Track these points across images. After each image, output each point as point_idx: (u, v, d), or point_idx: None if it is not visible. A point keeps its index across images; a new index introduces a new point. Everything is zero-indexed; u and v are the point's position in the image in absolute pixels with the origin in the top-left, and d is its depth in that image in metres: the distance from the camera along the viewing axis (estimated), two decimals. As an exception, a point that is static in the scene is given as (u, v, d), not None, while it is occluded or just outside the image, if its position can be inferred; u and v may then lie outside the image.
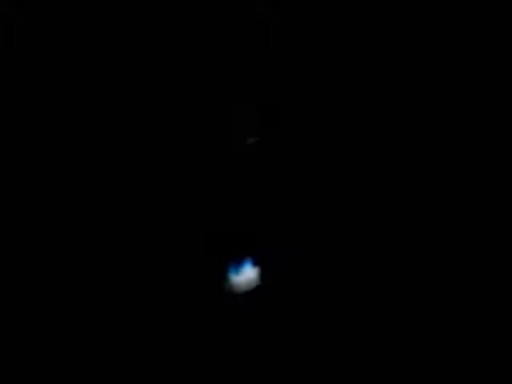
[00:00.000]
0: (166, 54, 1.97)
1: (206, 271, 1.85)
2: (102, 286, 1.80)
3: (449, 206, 1.92)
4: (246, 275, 1.87)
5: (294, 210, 1.95)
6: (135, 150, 1.94)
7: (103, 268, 1.81)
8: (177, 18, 1.95)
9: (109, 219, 1.84)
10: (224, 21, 1.94)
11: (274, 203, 1.93)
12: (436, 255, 1.90)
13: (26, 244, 1.81)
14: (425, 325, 1.82)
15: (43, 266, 1.82)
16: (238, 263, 1.88)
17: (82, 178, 1.88)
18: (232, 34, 1.96)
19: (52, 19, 1.81)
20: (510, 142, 1.86)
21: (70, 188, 1.87)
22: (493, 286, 1.81)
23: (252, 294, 1.85)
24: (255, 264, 1.89)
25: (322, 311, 1.82)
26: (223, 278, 1.83)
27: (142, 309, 1.80)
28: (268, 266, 1.87)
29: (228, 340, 1.76)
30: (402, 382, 1.72)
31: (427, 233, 1.93)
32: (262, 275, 1.86)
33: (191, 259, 1.87)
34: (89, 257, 1.82)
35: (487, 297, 1.81)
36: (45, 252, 1.83)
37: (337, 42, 1.99)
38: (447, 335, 1.79)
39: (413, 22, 1.94)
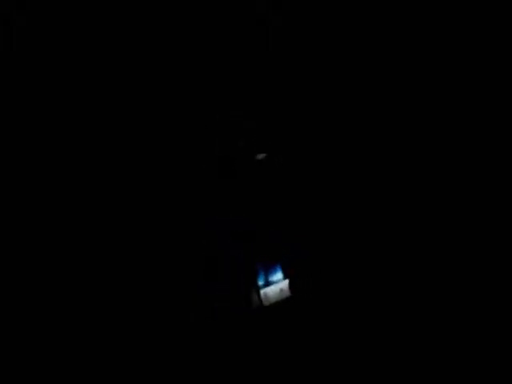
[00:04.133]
0: (166, 54, 1.97)
1: (237, 279, 1.86)
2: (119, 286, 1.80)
3: (448, 205, 1.93)
4: (276, 286, 1.89)
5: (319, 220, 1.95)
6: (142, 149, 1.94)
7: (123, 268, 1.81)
8: (177, 18, 1.94)
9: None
10: (224, 21, 1.94)
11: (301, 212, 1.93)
12: (436, 255, 1.91)
13: (26, 244, 1.81)
14: (430, 326, 1.82)
15: (42, 266, 1.81)
16: (267, 274, 1.90)
17: (77, 177, 1.88)
18: (232, 34, 1.96)
19: (52, 19, 1.80)
20: (509, 141, 1.87)
21: (62, 188, 1.86)
22: (493, 286, 1.82)
23: (282, 305, 1.89)
24: (285, 275, 1.92)
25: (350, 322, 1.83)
26: (253, 288, 1.88)
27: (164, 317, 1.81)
28: (297, 277, 1.89)
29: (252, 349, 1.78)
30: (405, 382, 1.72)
31: (430, 235, 1.94)
32: (292, 286, 1.89)
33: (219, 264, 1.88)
34: (95, 256, 1.82)
35: (487, 296, 1.81)
36: (44, 251, 1.82)
37: (337, 42, 2.00)
38: (447, 335, 1.79)
39: (413, 22, 1.95)
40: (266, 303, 1.84)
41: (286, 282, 1.90)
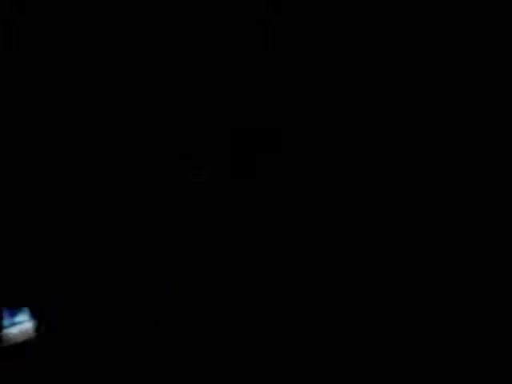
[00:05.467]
0: (165, 55, 1.97)
1: None
2: None
3: (449, 206, 1.92)
4: (22, 326, 1.83)
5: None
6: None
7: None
8: (176, 18, 1.94)
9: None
10: (224, 21, 1.94)
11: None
12: (436, 256, 1.90)
13: (25, 244, 1.81)
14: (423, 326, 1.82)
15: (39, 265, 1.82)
16: (13, 313, 1.84)
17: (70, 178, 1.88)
18: (232, 34, 1.95)
19: (52, 19, 1.80)
20: (509, 142, 1.86)
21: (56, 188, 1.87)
22: (493, 286, 1.81)
23: (28, 345, 1.82)
24: (32, 316, 1.85)
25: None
26: None
27: None
28: (45, 318, 1.84)
29: None
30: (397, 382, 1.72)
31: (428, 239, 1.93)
32: (39, 327, 1.83)
33: None
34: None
35: (487, 297, 1.81)
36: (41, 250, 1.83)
37: (337, 42, 1.99)
38: (447, 335, 1.79)
39: (413, 23, 1.94)
40: (6, 343, 1.79)
41: (32, 322, 1.84)
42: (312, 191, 1.99)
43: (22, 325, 1.85)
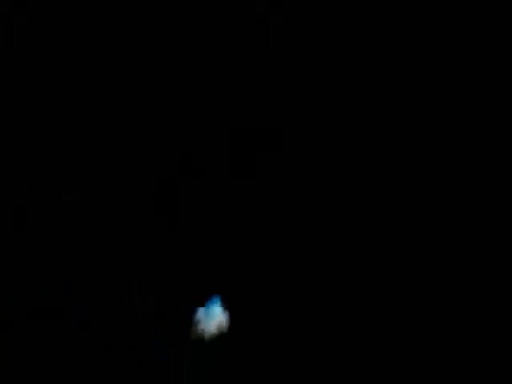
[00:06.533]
0: (164, 55, 1.97)
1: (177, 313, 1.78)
2: None
3: (448, 206, 1.92)
4: (216, 318, 1.75)
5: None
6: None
7: None
8: (176, 18, 1.95)
9: None
10: (224, 21, 1.94)
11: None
12: (434, 258, 1.90)
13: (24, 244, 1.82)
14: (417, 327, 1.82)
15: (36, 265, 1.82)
16: (206, 304, 1.77)
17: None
18: (232, 34, 1.96)
19: (52, 19, 1.81)
20: (509, 141, 1.86)
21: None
22: (493, 286, 1.81)
23: (220, 339, 1.74)
24: (224, 308, 1.77)
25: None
26: (193, 321, 1.75)
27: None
28: (237, 310, 1.77)
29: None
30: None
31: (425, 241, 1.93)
32: (231, 319, 1.75)
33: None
34: None
35: (487, 297, 1.81)
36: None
37: (337, 42, 1.99)
38: (447, 335, 1.79)
39: (413, 23, 1.94)
40: (203, 336, 1.73)
41: (225, 315, 1.77)
42: (312, 191, 1.99)
43: (216, 316, 1.75)
